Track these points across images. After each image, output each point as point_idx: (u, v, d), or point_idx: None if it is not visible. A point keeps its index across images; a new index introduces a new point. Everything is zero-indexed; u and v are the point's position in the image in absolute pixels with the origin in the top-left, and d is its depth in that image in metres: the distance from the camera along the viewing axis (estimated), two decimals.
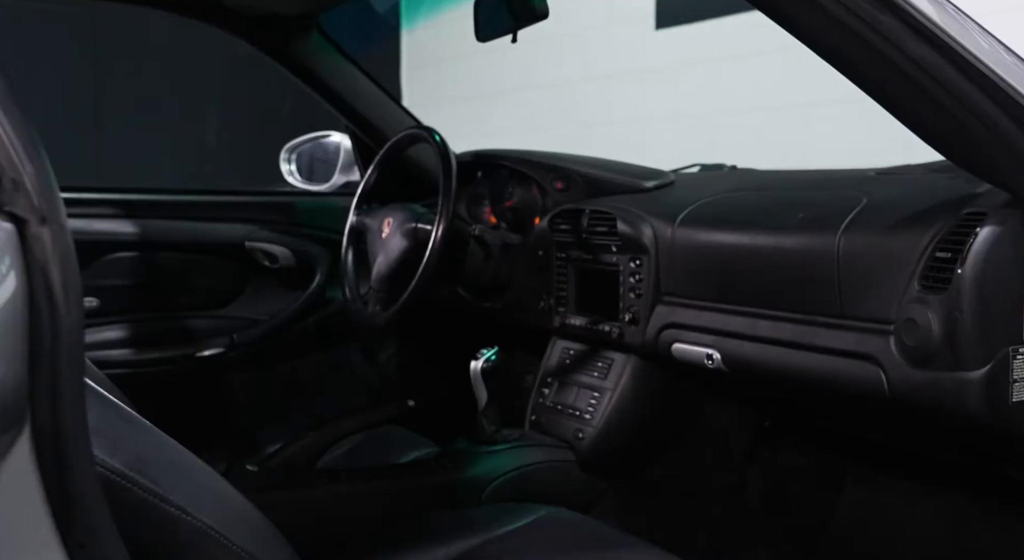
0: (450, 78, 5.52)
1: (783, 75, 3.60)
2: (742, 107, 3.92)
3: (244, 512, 0.79)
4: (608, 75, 4.61)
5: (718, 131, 3.99)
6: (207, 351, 1.86)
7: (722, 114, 4.01)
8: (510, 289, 1.77)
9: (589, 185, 1.68)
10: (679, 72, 4.24)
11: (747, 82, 3.88)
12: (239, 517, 0.77)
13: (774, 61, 3.63)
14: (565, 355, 1.69)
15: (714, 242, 1.37)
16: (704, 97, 4.10)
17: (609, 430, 1.55)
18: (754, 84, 3.85)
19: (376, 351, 2.10)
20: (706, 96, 4.09)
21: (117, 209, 1.83)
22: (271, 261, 1.97)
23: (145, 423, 0.74)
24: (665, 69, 4.31)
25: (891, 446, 1.58)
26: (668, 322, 1.46)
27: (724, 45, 3.97)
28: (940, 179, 1.22)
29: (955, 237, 1.04)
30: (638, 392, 1.56)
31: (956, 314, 1.01)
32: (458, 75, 5.43)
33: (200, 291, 1.93)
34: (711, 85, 4.07)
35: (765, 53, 3.68)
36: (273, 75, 2.02)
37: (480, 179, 1.92)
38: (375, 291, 1.65)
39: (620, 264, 1.53)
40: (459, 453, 1.51)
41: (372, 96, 2.00)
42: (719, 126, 4.00)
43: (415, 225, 1.60)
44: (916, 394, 1.08)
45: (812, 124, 3.58)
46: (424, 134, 1.66)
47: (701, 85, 4.12)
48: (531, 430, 1.65)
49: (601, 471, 1.57)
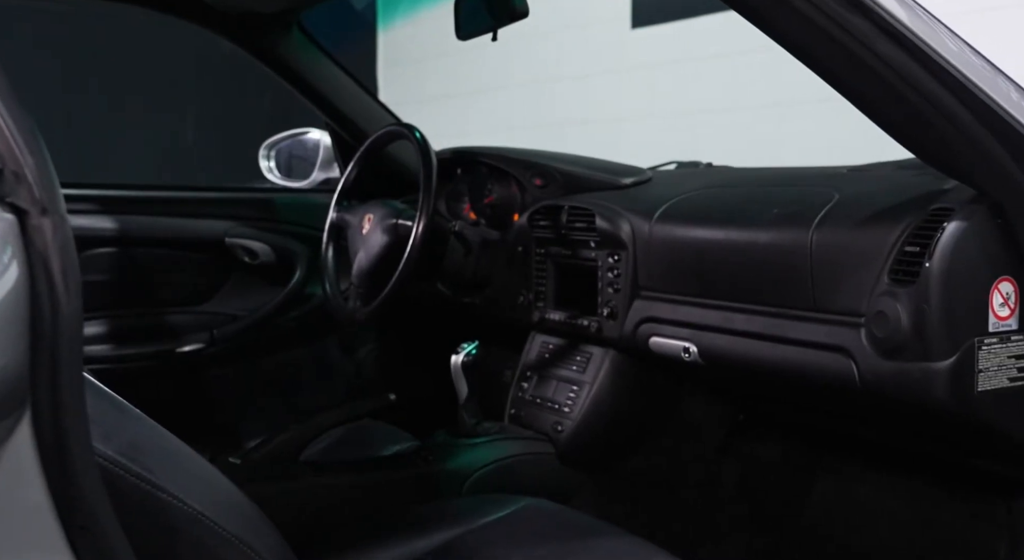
0: (426, 77, 5.50)
1: (758, 75, 3.62)
2: (717, 106, 3.94)
3: (233, 499, 0.80)
4: (584, 74, 4.61)
5: (693, 130, 4.00)
6: (187, 347, 1.87)
7: (697, 113, 4.03)
8: (489, 285, 1.79)
9: (568, 182, 1.71)
10: (655, 71, 4.25)
11: (723, 82, 3.90)
12: (229, 504, 0.79)
13: (749, 61, 3.65)
14: (544, 349, 1.71)
15: (690, 237, 1.40)
16: (680, 96, 4.11)
17: (587, 423, 1.57)
18: (730, 84, 3.87)
19: (356, 347, 2.11)
20: (682, 95, 4.10)
21: (97, 205, 1.84)
22: (251, 257, 1.98)
23: (137, 412, 0.75)
24: (641, 68, 4.32)
25: (862, 438, 1.62)
26: (646, 316, 1.48)
27: (700, 45, 3.98)
28: (909, 176, 1.26)
29: (923, 232, 1.07)
30: (616, 385, 1.59)
31: (924, 306, 1.04)
32: (435, 74, 5.42)
33: (180, 287, 1.94)
34: (687, 84, 4.08)
35: (741, 53, 3.69)
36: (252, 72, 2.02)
37: (460, 176, 1.94)
38: (355, 287, 1.65)
39: (599, 259, 1.56)
40: (440, 446, 1.53)
41: (352, 93, 2.01)
42: (694, 125, 4.01)
43: (395, 221, 1.60)
44: (886, 384, 1.11)
45: (786, 123, 3.61)
46: (404, 131, 1.67)
47: (677, 84, 4.13)
48: (511, 423, 1.67)
49: (580, 463, 1.59)
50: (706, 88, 3.98)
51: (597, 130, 4.50)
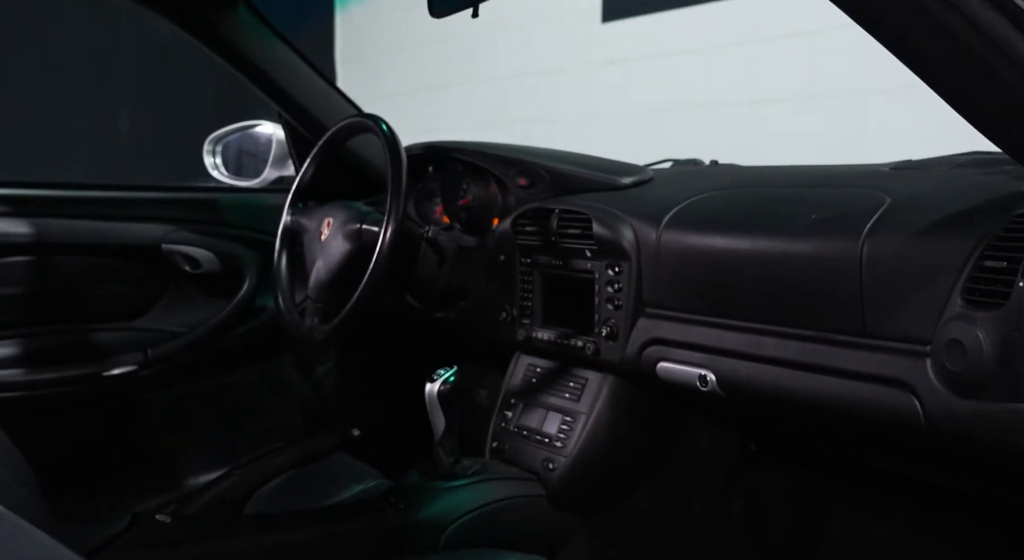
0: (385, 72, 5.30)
1: (736, 70, 3.52)
2: (692, 104, 3.81)
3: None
4: (553, 70, 4.48)
5: (667, 128, 3.87)
6: (116, 369, 1.61)
7: (671, 110, 3.91)
8: (466, 297, 1.59)
9: (556, 181, 1.50)
10: (627, 67, 4.12)
11: (699, 77, 3.76)
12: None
13: (727, 56, 3.56)
14: (531, 373, 1.51)
15: (708, 247, 1.20)
16: (653, 93, 3.98)
17: (583, 459, 1.37)
18: (706, 80, 3.73)
19: (314, 366, 1.88)
20: (655, 92, 3.97)
21: (9, 206, 1.58)
22: (192, 266, 1.74)
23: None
24: (612, 64, 4.18)
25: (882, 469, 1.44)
26: (652, 337, 1.28)
27: (674, 39, 3.86)
28: (974, 175, 1.07)
29: (1008, 243, 0.88)
30: (616, 415, 1.38)
31: (1015, 335, 0.85)
32: (394, 68, 5.22)
33: (108, 300, 1.68)
34: (661, 80, 3.95)
35: (717, 47, 3.61)
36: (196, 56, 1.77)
37: (431, 174, 1.73)
38: (312, 301, 1.45)
39: (595, 271, 1.35)
40: (412, 489, 1.31)
41: (308, 80, 1.79)
42: (668, 122, 3.89)
43: (359, 226, 1.40)
44: (960, 427, 0.92)
45: (765, 121, 3.47)
46: (368, 122, 1.45)
47: (650, 80, 4.00)
48: (493, 459, 1.46)
49: (573, 505, 1.39)
50: (681, 85, 3.85)
51: (565, 128, 4.35)
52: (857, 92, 2.99)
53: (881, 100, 2.91)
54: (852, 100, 3.03)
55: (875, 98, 2.94)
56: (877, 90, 2.89)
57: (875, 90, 2.91)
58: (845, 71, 2.99)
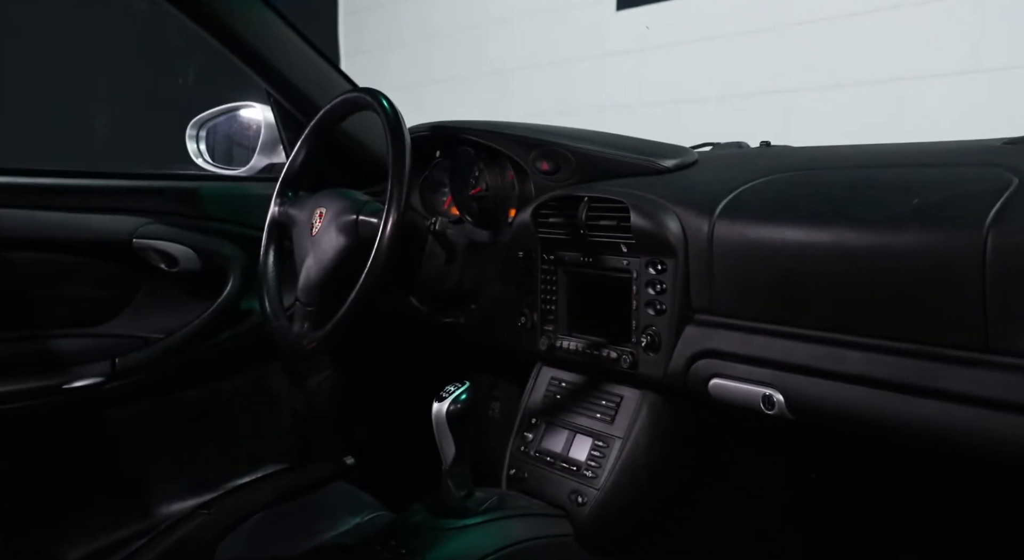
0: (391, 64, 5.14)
1: (758, 59, 3.36)
2: (712, 94, 3.64)
3: None
4: (565, 60, 4.36)
5: (684, 120, 3.72)
6: (78, 381, 1.41)
7: (690, 102, 3.74)
8: (478, 300, 1.39)
9: (584, 165, 1.29)
10: (643, 56, 3.96)
11: (718, 67, 3.59)
12: None
13: (748, 43, 3.39)
14: (555, 388, 1.30)
15: (774, 240, 0.99)
16: (670, 83, 3.83)
17: (618, 491, 1.16)
18: (726, 69, 3.56)
19: (304, 379, 1.67)
20: (672, 82, 3.82)
21: None
22: (168, 264, 1.54)
23: None
24: (627, 53, 4.02)
25: (952, 499, 1.23)
26: (703, 349, 1.08)
27: (693, 27, 3.70)
28: None
29: None
30: (657, 440, 1.18)
31: None
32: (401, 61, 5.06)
33: (72, 303, 1.48)
34: (678, 70, 3.78)
35: (738, 35, 3.43)
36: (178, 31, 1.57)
37: (439, 160, 1.54)
38: (303, 304, 1.26)
39: (632, 269, 1.15)
40: (417, 529, 1.10)
41: (301, 56, 1.59)
42: (687, 114, 3.74)
43: (356, 217, 1.23)
44: None
45: (789, 112, 3.29)
46: (366, 98, 1.26)
47: (667, 70, 3.84)
48: (510, 489, 1.26)
49: (606, 546, 1.18)
50: (700, 75, 3.69)
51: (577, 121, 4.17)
52: (890, 79, 2.80)
53: (915, 87, 2.73)
54: (885, 87, 2.85)
55: (909, 85, 2.76)
56: (910, 77, 2.70)
57: (908, 77, 2.72)
58: (876, 56, 2.80)
